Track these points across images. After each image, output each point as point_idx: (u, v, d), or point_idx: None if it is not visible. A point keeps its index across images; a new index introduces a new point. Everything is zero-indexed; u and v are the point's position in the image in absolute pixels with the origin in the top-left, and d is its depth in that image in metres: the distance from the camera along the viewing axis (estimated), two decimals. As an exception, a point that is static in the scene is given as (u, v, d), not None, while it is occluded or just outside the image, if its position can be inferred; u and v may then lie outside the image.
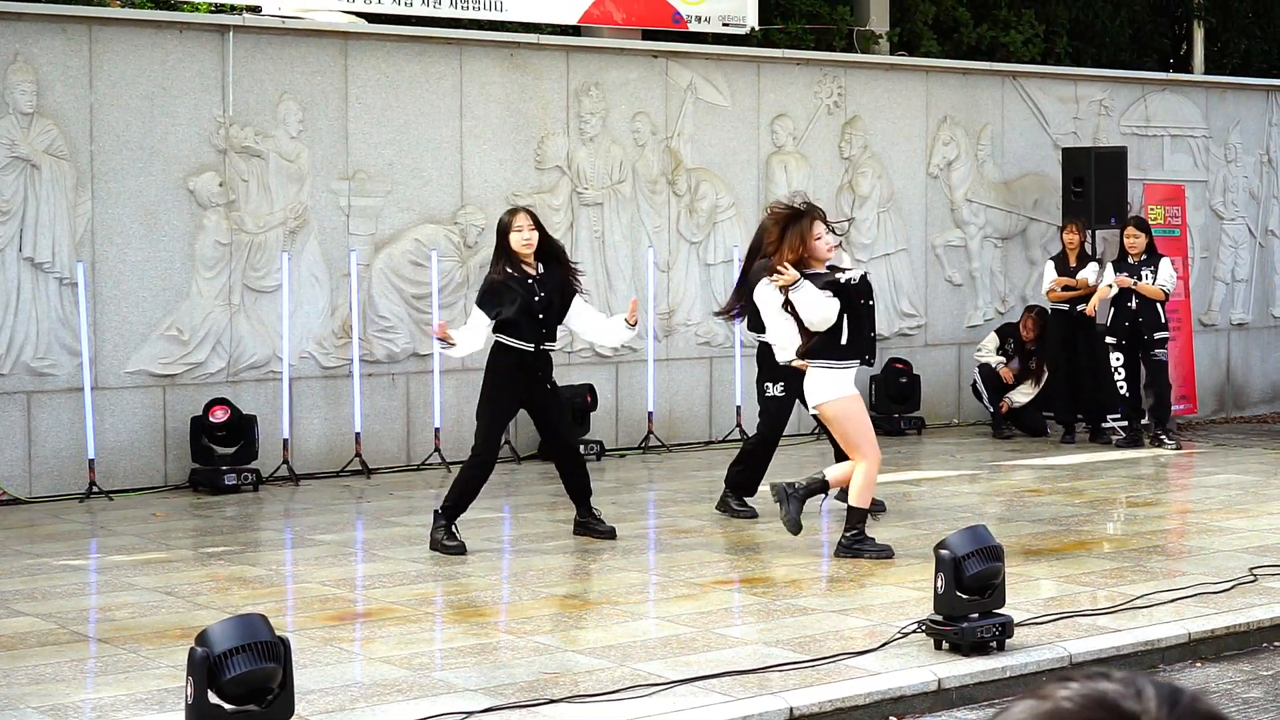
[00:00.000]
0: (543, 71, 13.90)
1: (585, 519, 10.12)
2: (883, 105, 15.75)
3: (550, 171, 13.92)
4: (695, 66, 14.71)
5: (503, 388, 9.79)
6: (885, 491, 12.02)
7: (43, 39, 11.85)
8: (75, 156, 11.95)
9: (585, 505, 10.11)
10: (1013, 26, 19.24)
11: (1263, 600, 8.50)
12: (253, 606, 7.91)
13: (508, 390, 9.78)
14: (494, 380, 9.84)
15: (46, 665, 7.21)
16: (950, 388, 16.16)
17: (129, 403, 12.15)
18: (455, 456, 13.29)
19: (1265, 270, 18.27)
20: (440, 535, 9.74)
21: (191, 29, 12.50)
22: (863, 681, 6.98)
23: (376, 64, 13.14)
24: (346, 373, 12.94)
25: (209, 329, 12.43)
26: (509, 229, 9.78)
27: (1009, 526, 10.49)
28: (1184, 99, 17.61)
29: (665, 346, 14.49)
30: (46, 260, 11.81)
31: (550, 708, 6.52)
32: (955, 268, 16.20)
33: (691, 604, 8.44)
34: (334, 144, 12.96)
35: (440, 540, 9.71)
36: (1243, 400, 18.05)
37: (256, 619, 5.98)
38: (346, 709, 6.52)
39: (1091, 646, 7.61)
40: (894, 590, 8.68)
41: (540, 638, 7.70)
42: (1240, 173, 17.94)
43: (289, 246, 12.72)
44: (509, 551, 10.01)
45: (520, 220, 9.79)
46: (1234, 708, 7.09)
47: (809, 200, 9.89)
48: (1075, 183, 15.68)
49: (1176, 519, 11.46)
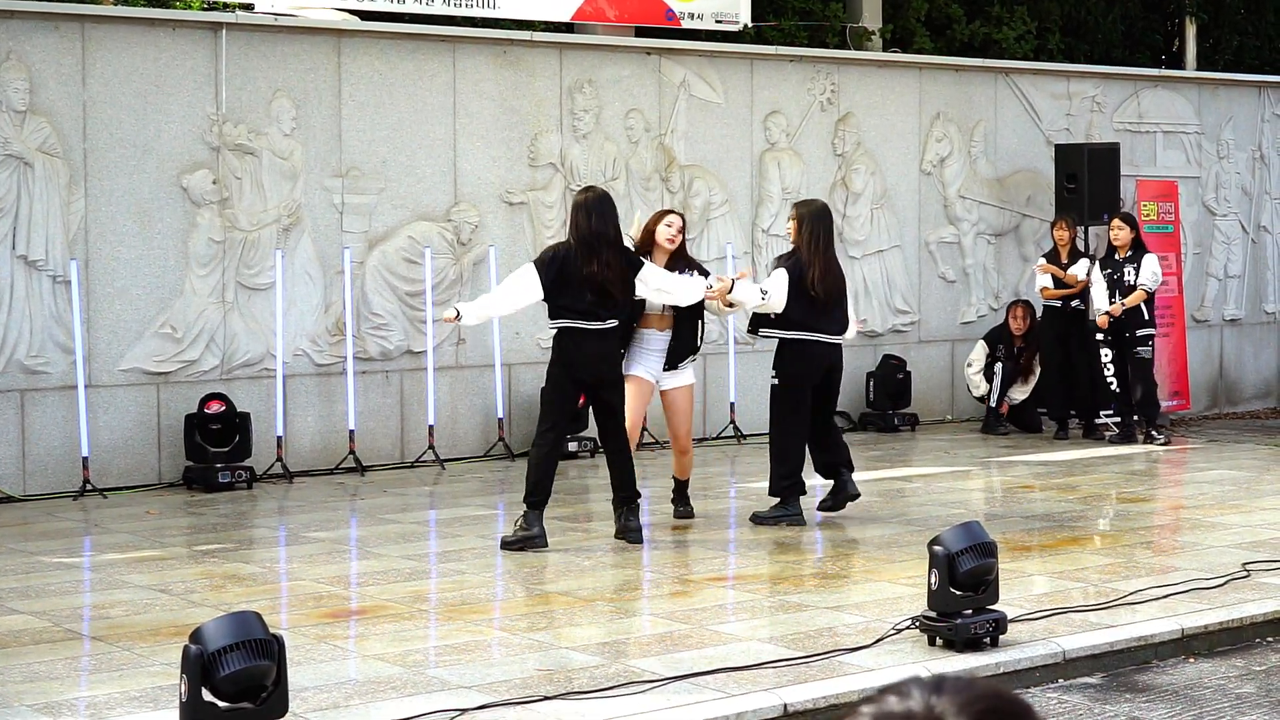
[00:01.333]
0: (536, 69, 13.91)
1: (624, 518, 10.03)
2: (876, 102, 15.76)
3: (544, 168, 13.93)
4: (688, 63, 14.72)
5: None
6: (880, 488, 12.05)
7: (35, 37, 11.84)
8: (68, 154, 11.94)
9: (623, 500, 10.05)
10: (1005, 23, 19.26)
11: (1255, 595, 8.52)
12: (247, 604, 7.91)
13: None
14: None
15: (40, 663, 7.21)
16: (943, 384, 16.17)
17: (123, 400, 12.15)
18: (448, 454, 13.31)
19: (1258, 266, 18.29)
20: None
21: (184, 26, 12.49)
22: (857, 678, 6.99)
23: (370, 61, 13.14)
24: (340, 370, 12.95)
25: (203, 326, 12.43)
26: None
27: (1002, 523, 10.51)
28: (1176, 95, 17.63)
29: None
30: (40, 258, 11.81)
31: (544, 705, 6.52)
32: (948, 264, 16.21)
33: (685, 601, 8.45)
34: (327, 141, 12.96)
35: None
36: (1236, 396, 18.08)
37: (250, 616, 5.98)
38: (340, 706, 6.52)
39: (1085, 642, 7.63)
40: (888, 587, 8.69)
41: (534, 635, 7.71)
42: (1233, 169, 17.96)
43: (282, 244, 12.72)
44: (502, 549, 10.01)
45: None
46: (1226, 703, 7.11)
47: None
48: (1068, 179, 15.70)
49: (1170, 515, 11.48)
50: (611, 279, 9.56)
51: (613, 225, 9.69)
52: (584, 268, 9.52)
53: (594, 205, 9.67)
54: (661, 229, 10.26)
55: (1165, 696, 7.22)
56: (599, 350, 9.64)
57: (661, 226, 10.28)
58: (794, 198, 14.92)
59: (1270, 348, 18.41)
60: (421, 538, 10.25)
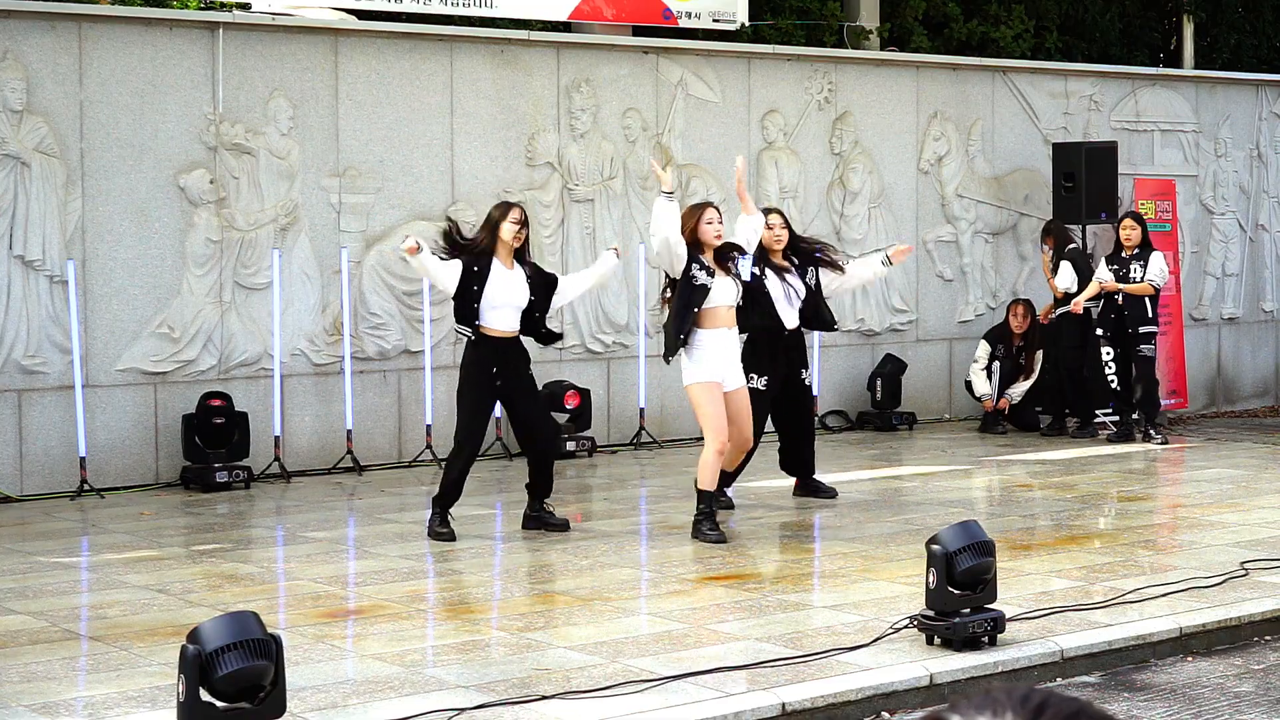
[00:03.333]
0: (533, 68, 13.90)
1: (538, 512, 10.29)
2: (873, 101, 15.75)
3: (541, 168, 13.92)
4: (686, 62, 14.71)
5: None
6: (878, 487, 12.05)
7: (32, 36, 11.84)
8: (65, 154, 11.93)
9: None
10: (1003, 22, 19.27)
11: (1254, 594, 8.52)
12: (244, 604, 7.91)
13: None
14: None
15: (38, 663, 7.20)
16: (941, 383, 16.17)
17: (120, 400, 12.14)
18: (446, 453, 13.26)
19: (1255, 265, 18.29)
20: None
21: (181, 26, 12.49)
22: (855, 677, 6.99)
23: (367, 61, 13.13)
24: (338, 370, 12.94)
25: (200, 326, 12.42)
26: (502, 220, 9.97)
27: (1000, 521, 10.51)
28: (1174, 94, 17.63)
29: (657, 343, 14.47)
30: (37, 258, 11.80)
31: (542, 704, 6.52)
32: (946, 263, 16.21)
33: (683, 600, 8.45)
34: (324, 141, 12.95)
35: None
36: (1233, 395, 18.08)
37: (248, 616, 5.98)
38: (338, 706, 6.52)
39: (1083, 641, 7.62)
40: (886, 585, 8.69)
41: (532, 634, 7.70)
42: (1230, 167, 17.96)
43: (280, 244, 12.71)
44: (500, 548, 10.01)
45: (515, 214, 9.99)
46: (1225, 702, 7.11)
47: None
48: (1066, 178, 15.70)
49: (1168, 513, 11.48)
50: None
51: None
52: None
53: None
54: (705, 226, 9.91)
55: (1163, 695, 7.22)
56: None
57: (704, 225, 9.92)
58: (791, 197, 14.93)
59: (1268, 346, 18.41)
60: (419, 537, 10.24)
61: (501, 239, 9.93)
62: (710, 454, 9.87)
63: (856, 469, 13.01)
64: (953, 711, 1.70)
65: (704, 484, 9.95)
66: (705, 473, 9.94)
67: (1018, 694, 1.70)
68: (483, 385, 9.94)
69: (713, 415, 9.84)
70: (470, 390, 10.02)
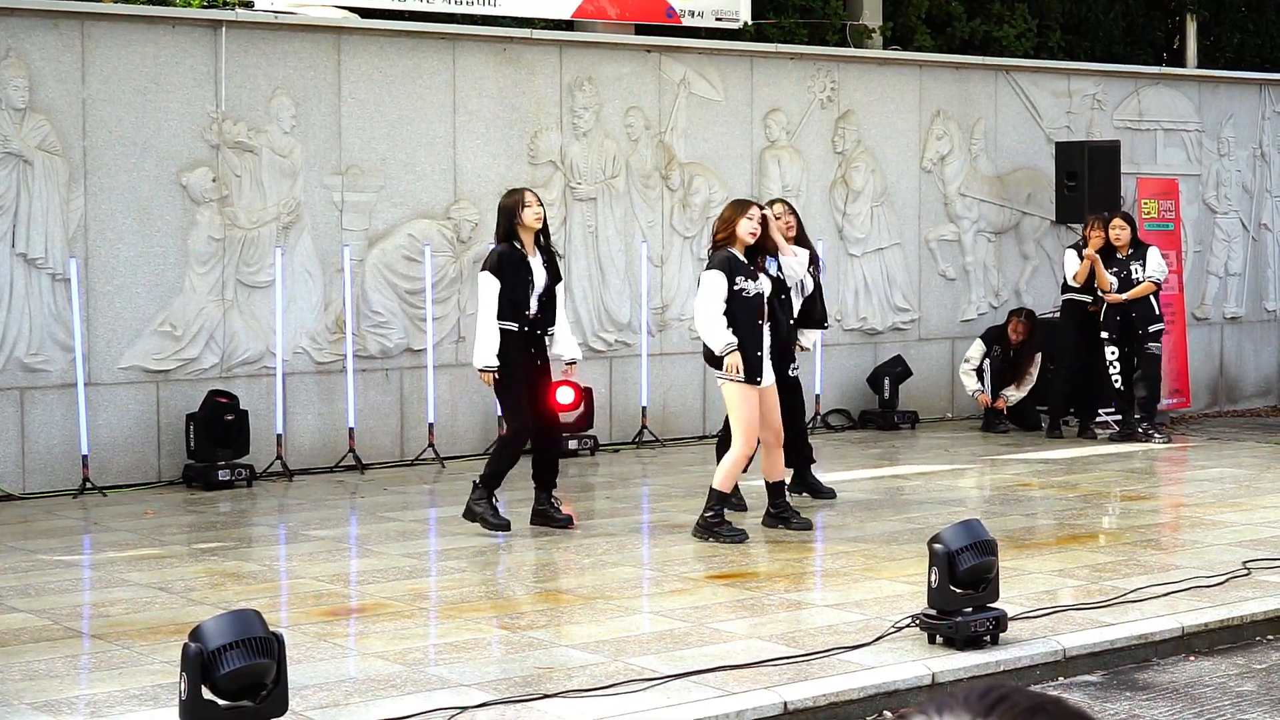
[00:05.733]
0: (536, 66, 13.90)
1: (544, 506, 10.28)
2: (876, 100, 15.75)
3: (544, 166, 13.92)
4: (688, 61, 14.71)
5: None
6: (880, 486, 12.05)
7: (35, 34, 11.84)
8: (68, 152, 11.93)
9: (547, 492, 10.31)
10: (1006, 20, 19.25)
11: (1256, 594, 8.52)
12: (246, 602, 7.91)
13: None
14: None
15: (40, 661, 7.20)
16: (943, 382, 16.17)
17: (122, 398, 12.14)
18: (448, 451, 13.30)
19: (1258, 264, 18.29)
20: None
21: (184, 24, 12.49)
22: (856, 676, 6.99)
23: (369, 59, 13.13)
24: (340, 368, 12.94)
25: (202, 324, 12.42)
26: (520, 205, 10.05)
27: (1002, 520, 10.50)
28: (1177, 93, 17.62)
29: (659, 341, 14.50)
30: (39, 256, 11.80)
31: (544, 702, 6.52)
32: (948, 262, 16.20)
33: (685, 598, 8.45)
34: (327, 139, 12.95)
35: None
36: (1236, 394, 18.07)
37: (250, 615, 5.98)
38: (340, 704, 6.52)
39: (1085, 640, 7.62)
40: (887, 585, 8.69)
41: (534, 633, 7.71)
42: (1233, 166, 17.95)
43: (282, 242, 12.71)
44: (502, 546, 10.01)
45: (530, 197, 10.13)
46: (1227, 701, 7.11)
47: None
48: (1068, 177, 15.69)
49: (1170, 513, 11.47)
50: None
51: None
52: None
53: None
54: (745, 223, 9.79)
55: (1165, 694, 7.22)
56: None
57: (744, 220, 9.79)
58: (794, 196, 14.92)
59: (1270, 346, 18.41)
60: (421, 535, 10.25)
61: (525, 224, 9.98)
62: (738, 456, 9.84)
63: (858, 468, 13.01)
64: (918, 713, 1.72)
65: (720, 485, 9.90)
66: (726, 475, 9.89)
67: (976, 691, 1.72)
68: (526, 369, 10.01)
69: (747, 420, 9.79)
70: (516, 378, 9.98)
